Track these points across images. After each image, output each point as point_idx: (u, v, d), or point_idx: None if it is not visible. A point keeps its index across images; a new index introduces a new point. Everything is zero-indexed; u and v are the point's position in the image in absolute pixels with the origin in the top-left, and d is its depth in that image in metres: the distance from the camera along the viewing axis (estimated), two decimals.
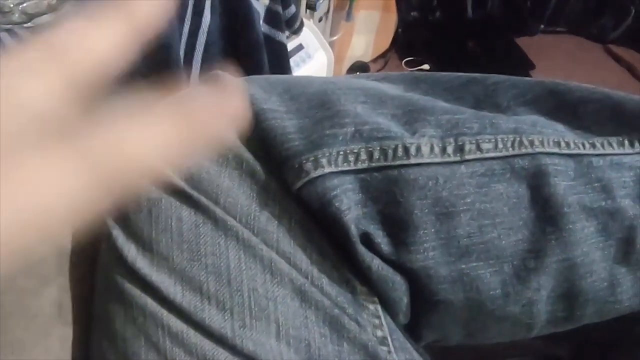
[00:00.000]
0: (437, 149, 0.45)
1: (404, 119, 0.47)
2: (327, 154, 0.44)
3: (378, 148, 0.45)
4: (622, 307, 0.49)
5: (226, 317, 0.42)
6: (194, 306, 0.42)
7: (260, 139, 0.46)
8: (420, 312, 0.47)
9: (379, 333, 0.44)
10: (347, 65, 1.90)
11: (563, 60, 2.26)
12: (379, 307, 0.45)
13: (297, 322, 0.43)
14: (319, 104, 0.47)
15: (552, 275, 0.46)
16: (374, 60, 2.04)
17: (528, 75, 2.07)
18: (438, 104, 0.49)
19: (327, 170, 0.44)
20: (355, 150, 0.45)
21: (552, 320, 0.48)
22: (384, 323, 0.45)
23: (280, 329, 0.42)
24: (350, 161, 0.44)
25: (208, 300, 0.42)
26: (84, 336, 0.47)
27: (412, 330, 0.48)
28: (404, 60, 2.10)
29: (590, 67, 2.25)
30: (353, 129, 0.45)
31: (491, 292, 0.45)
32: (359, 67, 1.91)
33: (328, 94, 0.48)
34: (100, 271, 0.47)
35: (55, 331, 0.46)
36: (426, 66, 2.05)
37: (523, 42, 2.29)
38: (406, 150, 0.45)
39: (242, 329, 0.41)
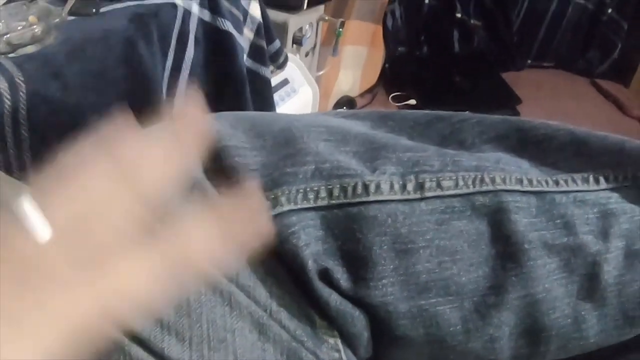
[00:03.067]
0: (397, 186, 0.46)
1: (365, 157, 0.48)
2: (286, 192, 0.45)
3: (338, 186, 0.45)
4: (587, 343, 0.49)
5: (185, 348, 0.42)
6: (154, 336, 0.42)
7: (224, 175, 0.46)
8: (381, 348, 0.47)
9: None
10: (333, 100, 1.92)
11: (550, 95, 2.28)
12: (338, 341, 0.45)
13: (255, 354, 0.43)
14: (282, 142, 0.48)
15: (514, 311, 0.46)
16: (361, 95, 2.06)
17: (515, 110, 2.09)
18: (400, 142, 0.50)
19: (285, 208, 0.44)
20: (315, 188, 0.45)
21: (515, 356, 0.48)
22: (343, 357, 0.45)
23: None
24: (310, 199, 0.45)
25: (168, 331, 0.42)
26: None
27: None
28: (391, 95, 2.12)
29: (577, 101, 2.27)
30: (313, 167, 0.46)
31: (451, 328, 0.45)
32: (345, 102, 1.93)
33: (292, 131, 0.49)
34: None
35: None
36: (413, 101, 2.07)
37: (510, 76, 2.32)
38: (366, 187, 0.45)
39: None
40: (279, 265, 0.45)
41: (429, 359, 0.48)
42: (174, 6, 1.02)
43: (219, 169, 0.47)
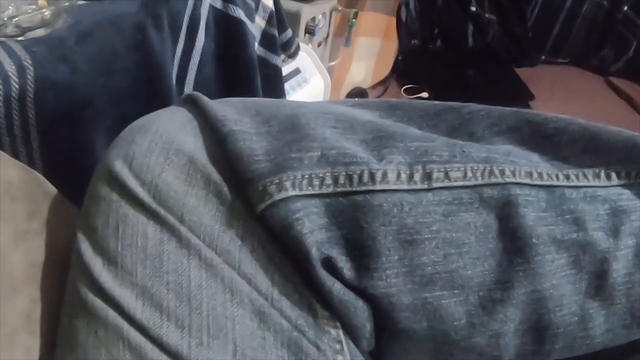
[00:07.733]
0: (404, 176, 0.45)
1: (372, 145, 0.47)
2: (291, 177, 0.44)
3: (344, 173, 0.45)
4: (593, 343, 0.48)
5: (184, 335, 0.42)
6: (153, 322, 0.42)
7: (229, 160, 0.46)
8: (384, 340, 0.46)
9: (340, 358, 0.44)
10: (345, 90, 1.91)
11: (563, 92, 2.26)
12: (340, 332, 0.45)
13: (254, 343, 0.42)
14: (289, 127, 0.47)
15: (520, 307, 0.45)
16: (373, 87, 2.05)
17: (527, 106, 2.07)
18: (409, 131, 0.49)
19: (290, 193, 0.44)
20: (321, 175, 0.44)
21: (520, 353, 0.47)
22: (345, 349, 0.44)
23: (237, 349, 0.42)
24: (315, 185, 0.44)
25: (167, 317, 0.42)
26: (50, 346, 0.47)
27: (377, 358, 0.48)
28: (403, 88, 2.11)
29: (590, 98, 2.25)
30: (319, 153, 0.45)
31: (455, 323, 0.45)
32: (357, 93, 1.92)
33: (299, 117, 0.48)
34: (68, 282, 0.47)
35: (21, 340, 0.46)
36: (425, 94, 2.06)
37: (523, 72, 2.30)
38: (372, 176, 0.44)
39: (198, 347, 0.41)
40: (281, 253, 0.45)
41: (431, 355, 0.47)
42: None
43: (223, 154, 0.46)
